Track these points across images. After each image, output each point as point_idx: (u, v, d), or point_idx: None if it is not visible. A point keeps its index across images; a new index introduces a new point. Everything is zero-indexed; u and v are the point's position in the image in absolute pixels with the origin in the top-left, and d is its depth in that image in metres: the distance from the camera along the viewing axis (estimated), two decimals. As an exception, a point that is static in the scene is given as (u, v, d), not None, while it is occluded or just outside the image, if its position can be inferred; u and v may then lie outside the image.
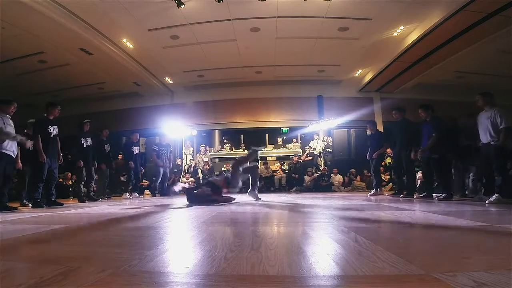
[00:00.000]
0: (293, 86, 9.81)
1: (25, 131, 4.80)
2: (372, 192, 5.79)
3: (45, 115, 4.50)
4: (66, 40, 6.29)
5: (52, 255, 1.29)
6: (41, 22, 5.56)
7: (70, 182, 7.61)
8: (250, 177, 4.50)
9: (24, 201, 4.70)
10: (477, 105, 4.06)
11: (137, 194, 6.41)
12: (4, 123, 3.74)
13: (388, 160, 8.07)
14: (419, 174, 6.46)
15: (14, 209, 3.79)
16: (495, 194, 3.66)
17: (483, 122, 3.95)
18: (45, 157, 4.21)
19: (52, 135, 4.42)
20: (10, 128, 3.81)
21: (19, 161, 4.46)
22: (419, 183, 6.38)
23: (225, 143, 10.01)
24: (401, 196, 5.08)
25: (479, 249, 1.32)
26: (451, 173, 4.72)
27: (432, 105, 4.78)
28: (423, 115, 4.73)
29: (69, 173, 7.61)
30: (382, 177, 8.28)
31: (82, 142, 5.56)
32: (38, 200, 4.18)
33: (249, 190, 4.54)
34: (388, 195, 5.69)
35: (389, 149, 6.46)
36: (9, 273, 1.00)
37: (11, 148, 3.80)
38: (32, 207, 4.08)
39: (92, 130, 5.91)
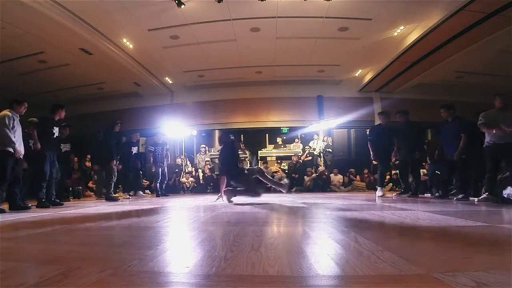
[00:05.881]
0: (293, 86, 9.80)
1: (25, 130, 4.81)
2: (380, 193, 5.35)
3: (51, 115, 4.51)
4: (66, 40, 6.28)
5: (52, 255, 1.29)
6: (41, 22, 5.56)
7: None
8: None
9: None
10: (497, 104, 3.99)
11: (141, 193, 6.47)
12: (16, 123, 3.79)
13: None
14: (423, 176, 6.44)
15: (28, 208, 3.81)
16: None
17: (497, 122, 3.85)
18: (40, 147, 4.19)
19: (54, 136, 4.43)
20: (18, 128, 3.86)
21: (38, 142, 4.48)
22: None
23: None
24: (407, 195, 5.08)
25: (479, 249, 1.32)
26: (471, 174, 4.66)
27: (453, 105, 4.74)
28: (445, 115, 4.68)
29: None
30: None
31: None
32: (43, 200, 4.17)
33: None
34: (395, 194, 5.54)
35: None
36: (9, 273, 1.00)
37: (19, 147, 3.82)
38: (37, 206, 4.07)
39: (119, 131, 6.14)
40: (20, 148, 3.87)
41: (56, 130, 4.47)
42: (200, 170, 9.16)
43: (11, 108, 3.86)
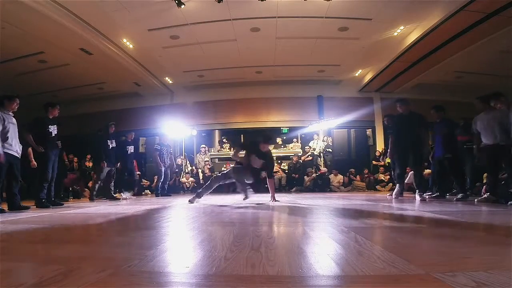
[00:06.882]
0: (293, 86, 9.81)
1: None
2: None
3: (45, 114, 4.49)
4: (66, 40, 6.28)
5: (52, 255, 1.29)
6: (41, 22, 5.56)
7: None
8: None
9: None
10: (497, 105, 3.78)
11: (129, 194, 6.49)
12: (4, 121, 3.62)
13: (388, 160, 8.05)
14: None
15: (27, 208, 3.79)
16: None
17: (489, 123, 3.75)
18: (42, 149, 4.18)
19: (52, 135, 4.41)
20: (12, 126, 3.72)
21: (33, 159, 4.52)
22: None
23: (225, 142, 10.02)
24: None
25: (479, 249, 1.32)
26: (465, 173, 4.74)
27: (444, 107, 4.83)
28: (435, 117, 4.75)
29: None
30: (382, 177, 8.29)
31: (109, 144, 5.86)
32: (44, 200, 4.14)
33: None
34: (388, 194, 5.58)
35: None
36: (9, 273, 1.00)
37: (15, 147, 3.72)
38: (37, 206, 4.05)
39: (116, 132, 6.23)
40: (16, 147, 3.74)
41: (53, 128, 4.41)
42: (200, 170, 9.17)
43: (2, 105, 3.67)
